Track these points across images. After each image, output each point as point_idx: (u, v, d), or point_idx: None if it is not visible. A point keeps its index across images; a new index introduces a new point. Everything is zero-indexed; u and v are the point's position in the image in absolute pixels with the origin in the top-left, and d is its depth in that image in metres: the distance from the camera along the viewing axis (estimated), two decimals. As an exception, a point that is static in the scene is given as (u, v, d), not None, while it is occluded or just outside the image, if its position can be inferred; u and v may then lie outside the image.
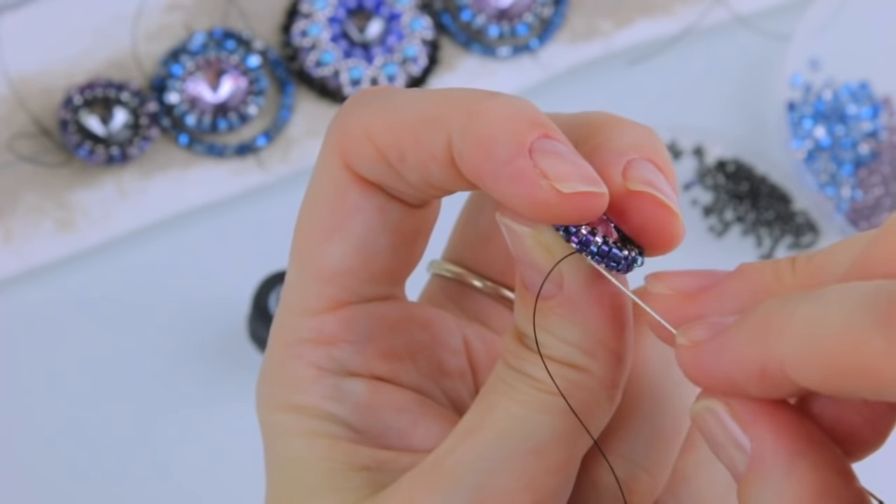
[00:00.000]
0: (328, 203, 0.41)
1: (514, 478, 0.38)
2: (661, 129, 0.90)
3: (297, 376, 0.42)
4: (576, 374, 0.39)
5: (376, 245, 0.41)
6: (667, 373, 0.41)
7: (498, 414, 0.39)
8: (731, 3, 0.92)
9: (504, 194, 0.37)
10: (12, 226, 0.85)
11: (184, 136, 0.88)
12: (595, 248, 0.38)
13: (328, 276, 0.41)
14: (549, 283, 0.38)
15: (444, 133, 0.38)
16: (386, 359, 0.42)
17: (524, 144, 0.37)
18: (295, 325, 0.42)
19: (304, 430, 0.41)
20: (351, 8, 0.91)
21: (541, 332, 0.39)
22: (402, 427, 0.42)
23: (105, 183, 0.86)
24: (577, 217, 0.37)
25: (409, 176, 0.39)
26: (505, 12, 0.91)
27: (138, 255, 0.87)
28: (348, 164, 0.41)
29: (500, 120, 0.38)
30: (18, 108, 0.87)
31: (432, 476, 0.39)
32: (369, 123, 0.40)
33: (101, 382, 0.84)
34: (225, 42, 0.89)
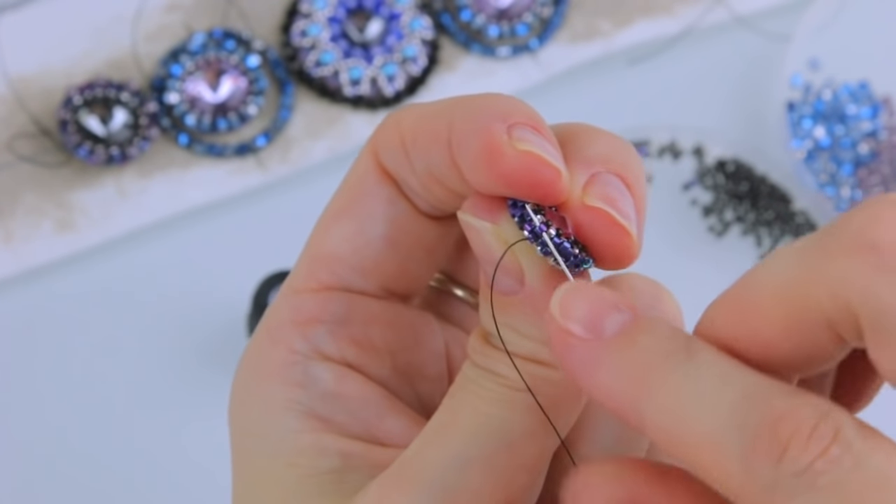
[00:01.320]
0: (348, 187, 0.42)
1: (485, 476, 0.38)
2: (661, 129, 0.90)
3: (270, 360, 0.42)
4: (542, 370, 0.39)
5: (375, 234, 0.42)
6: None
7: (467, 412, 0.39)
8: (731, 3, 0.92)
9: (470, 153, 0.38)
10: (12, 226, 0.85)
11: (183, 136, 0.88)
12: (547, 238, 0.38)
13: (322, 258, 0.42)
14: (510, 280, 0.39)
15: (449, 115, 0.39)
16: (359, 346, 0.42)
17: (507, 119, 0.38)
18: (279, 305, 0.43)
19: (267, 430, 0.41)
20: (351, 8, 0.91)
21: (505, 329, 0.39)
22: (368, 418, 0.42)
23: (105, 183, 0.86)
24: (529, 182, 0.38)
25: (417, 163, 0.40)
26: (505, 12, 0.91)
27: (138, 255, 0.87)
28: (376, 153, 0.42)
29: (498, 102, 0.39)
30: (18, 108, 0.87)
31: (402, 477, 0.39)
32: (402, 115, 0.41)
33: (101, 382, 0.84)
34: (225, 42, 0.89)
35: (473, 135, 0.38)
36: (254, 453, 0.42)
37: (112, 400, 0.84)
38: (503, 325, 0.39)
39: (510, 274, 0.39)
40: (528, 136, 0.38)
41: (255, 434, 0.42)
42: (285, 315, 0.42)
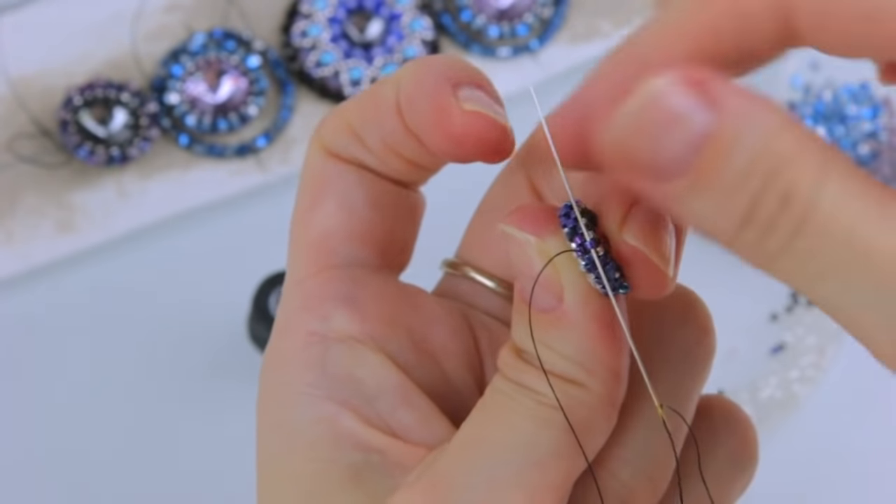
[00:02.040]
0: (310, 181, 0.43)
1: (515, 492, 0.38)
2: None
3: (287, 349, 0.42)
4: (575, 389, 0.38)
5: (356, 201, 0.42)
6: (666, 371, 0.41)
7: (498, 426, 0.39)
8: (732, 4, 0.92)
9: (421, 116, 0.39)
10: (12, 226, 0.85)
11: (184, 137, 0.88)
12: (594, 256, 0.38)
13: (313, 241, 0.42)
14: (549, 297, 0.38)
15: (395, 82, 0.40)
16: (377, 320, 0.42)
17: (451, 79, 0.39)
18: (286, 299, 0.42)
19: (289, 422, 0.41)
20: (351, 8, 0.91)
21: (540, 346, 0.39)
22: (382, 406, 0.42)
23: (105, 183, 0.86)
24: (476, 142, 0.38)
25: (369, 139, 0.41)
26: (505, 13, 0.91)
27: (138, 255, 0.87)
28: (325, 146, 0.42)
29: (440, 62, 0.40)
30: (18, 108, 0.87)
31: (431, 488, 0.39)
32: (342, 106, 0.42)
33: (101, 383, 0.84)
34: (225, 42, 0.89)
35: (422, 97, 0.39)
36: (275, 450, 0.42)
37: (112, 400, 0.84)
38: (538, 342, 0.39)
39: (549, 290, 0.38)
40: (474, 96, 0.39)
41: (275, 428, 0.42)
42: (293, 305, 0.42)
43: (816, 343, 0.86)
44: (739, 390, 0.84)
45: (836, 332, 0.86)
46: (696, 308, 0.42)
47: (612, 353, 0.39)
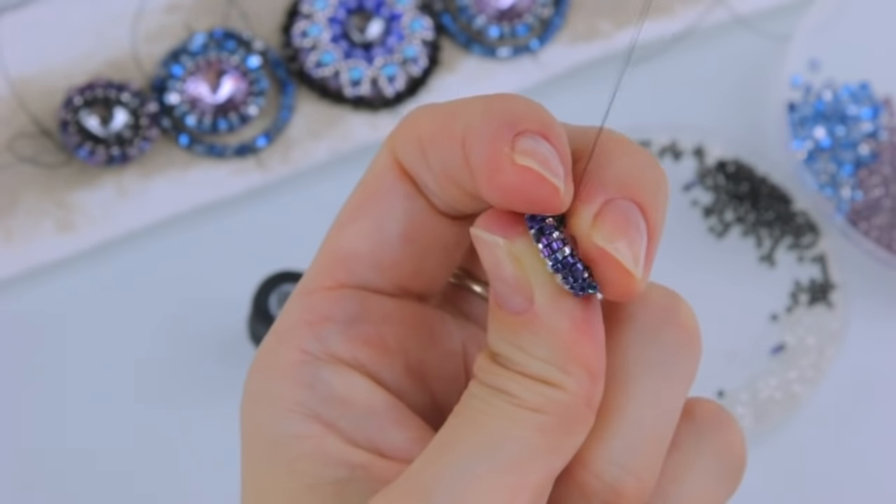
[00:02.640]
0: (365, 185, 0.42)
1: (490, 495, 0.38)
2: (662, 129, 0.90)
3: (280, 360, 0.42)
4: (550, 390, 0.38)
5: (392, 231, 0.42)
6: (647, 369, 0.41)
7: (472, 430, 0.39)
8: (732, 4, 0.92)
9: (475, 160, 0.38)
10: (12, 226, 0.85)
11: (184, 137, 0.88)
12: (560, 256, 0.38)
13: (338, 256, 0.42)
14: (520, 299, 0.38)
15: (467, 115, 0.39)
16: (372, 346, 0.42)
17: (515, 126, 0.38)
18: (292, 306, 0.42)
19: (274, 434, 0.41)
20: (351, 8, 0.91)
21: (514, 348, 0.39)
22: (371, 429, 0.42)
23: (105, 183, 0.86)
24: (525, 198, 0.38)
25: (433, 161, 0.40)
26: (505, 13, 0.91)
27: (138, 255, 0.87)
28: (394, 151, 0.42)
29: (513, 106, 0.39)
30: (18, 108, 0.87)
31: (407, 493, 0.39)
32: (420, 113, 0.41)
33: (101, 383, 0.84)
34: (225, 42, 0.89)
35: (481, 141, 0.38)
36: (258, 459, 0.42)
37: (112, 399, 0.84)
38: (512, 345, 0.39)
39: (520, 292, 0.38)
40: (531, 148, 0.38)
41: (260, 437, 0.42)
42: (298, 315, 0.42)
43: (816, 343, 0.86)
44: (739, 390, 0.84)
45: (836, 332, 0.86)
46: (679, 310, 0.42)
47: (587, 352, 0.39)
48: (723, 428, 0.43)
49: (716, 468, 0.43)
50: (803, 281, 0.88)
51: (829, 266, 0.88)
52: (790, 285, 0.88)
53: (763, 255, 0.89)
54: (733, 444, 0.43)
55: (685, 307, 0.42)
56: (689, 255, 0.89)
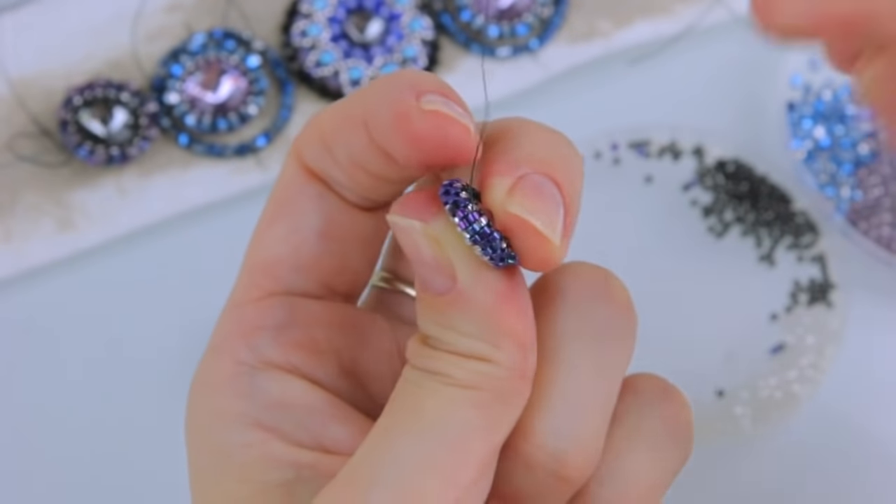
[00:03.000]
0: (277, 194, 0.43)
1: (430, 476, 0.38)
2: (662, 129, 0.90)
3: (216, 374, 0.43)
4: (482, 365, 0.39)
5: (309, 232, 0.42)
6: (584, 345, 0.42)
7: (408, 414, 0.39)
8: (731, 3, 0.92)
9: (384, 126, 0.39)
10: (12, 225, 0.85)
11: (183, 137, 0.88)
12: (478, 227, 0.38)
13: (260, 265, 0.43)
14: (443, 279, 0.39)
15: (363, 99, 0.40)
16: (304, 350, 0.42)
17: (415, 88, 0.39)
18: (223, 321, 0.43)
19: (217, 446, 0.42)
20: (351, 8, 0.91)
21: (443, 329, 0.39)
22: (313, 427, 0.42)
23: (105, 183, 0.86)
24: (439, 141, 0.38)
25: (338, 153, 0.41)
26: (505, 12, 0.91)
27: (138, 255, 0.87)
28: (299, 156, 0.42)
29: (405, 75, 0.39)
30: (18, 108, 0.87)
31: (350, 482, 0.39)
32: (320, 114, 0.42)
33: (101, 382, 0.84)
34: (225, 42, 0.89)
35: (384, 107, 0.39)
36: (207, 471, 0.42)
37: (112, 399, 0.84)
38: (441, 326, 0.39)
39: (442, 272, 0.39)
40: (435, 100, 0.39)
41: (206, 450, 0.42)
42: (228, 328, 0.43)
43: (816, 343, 0.86)
44: (739, 390, 0.84)
45: (835, 332, 0.86)
46: (610, 285, 0.42)
47: (514, 324, 0.39)
48: (667, 399, 0.44)
49: (662, 439, 0.43)
50: (803, 281, 0.88)
51: (828, 266, 0.88)
52: (790, 285, 0.88)
53: (763, 254, 0.89)
54: (679, 414, 0.44)
55: (616, 282, 0.43)
56: (689, 255, 0.89)
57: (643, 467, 0.42)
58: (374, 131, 0.39)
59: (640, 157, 0.89)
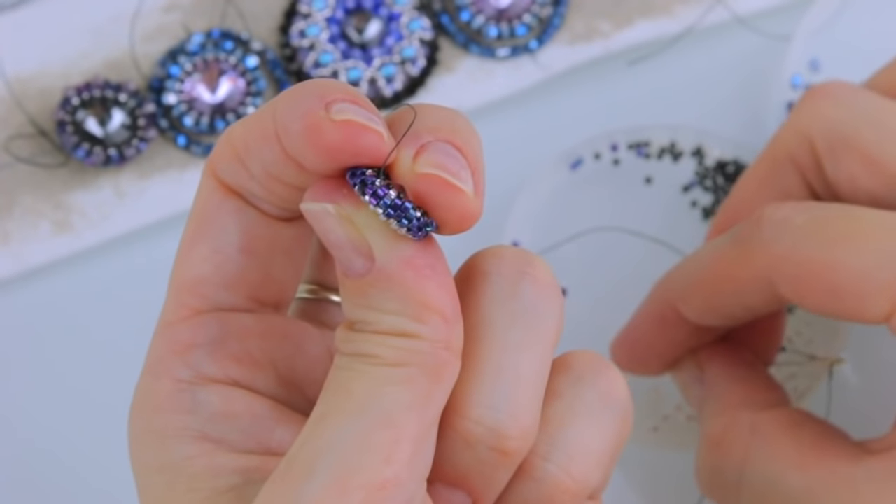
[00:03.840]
0: (196, 212, 0.44)
1: (368, 454, 0.39)
2: (661, 130, 0.89)
3: (156, 394, 0.43)
4: (408, 341, 0.39)
5: (231, 248, 0.43)
6: (512, 323, 0.42)
7: (340, 398, 0.39)
8: (731, 4, 0.92)
9: (294, 137, 0.39)
10: (9, 227, 0.85)
11: (182, 137, 0.88)
12: (388, 200, 0.38)
13: (187, 285, 0.44)
14: (361, 259, 0.39)
15: (272, 112, 0.41)
16: (241, 363, 0.43)
17: (324, 97, 0.39)
18: (156, 342, 0.45)
19: (163, 464, 0.42)
20: (349, 8, 0.90)
21: (366, 310, 0.40)
22: (259, 432, 0.43)
23: (103, 184, 0.86)
24: (352, 150, 0.39)
25: (253, 166, 0.41)
26: (504, 13, 0.91)
27: (136, 256, 0.87)
28: (214, 173, 0.43)
29: (312, 85, 0.40)
30: (15, 108, 0.87)
31: (288, 472, 0.39)
32: (232, 129, 0.43)
33: (100, 383, 0.84)
34: (223, 43, 0.89)
35: (294, 119, 0.39)
36: (155, 489, 0.42)
37: (110, 401, 0.84)
38: (364, 308, 0.40)
39: (360, 253, 0.39)
40: (346, 108, 0.39)
41: (153, 468, 0.43)
42: (163, 348, 0.44)
43: (816, 343, 0.86)
44: (739, 392, 0.84)
45: (836, 332, 0.86)
46: (534, 264, 0.44)
47: (436, 297, 0.40)
48: (601, 373, 0.45)
49: (600, 412, 0.44)
50: (803, 282, 0.88)
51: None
52: (790, 286, 0.88)
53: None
54: (614, 387, 0.45)
55: (539, 262, 0.43)
56: (689, 256, 0.89)
57: (584, 440, 0.44)
58: (286, 144, 0.40)
59: (639, 157, 0.89)
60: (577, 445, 0.43)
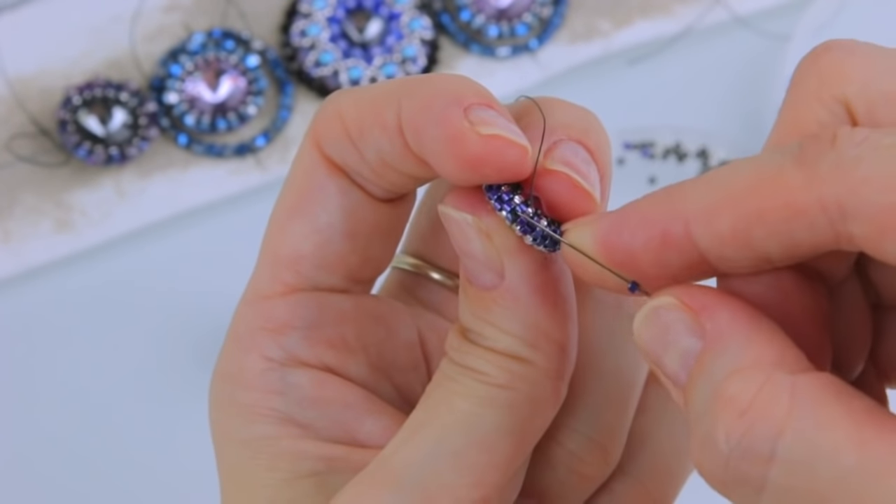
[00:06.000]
0: (296, 184, 0.42)
1: (460, 474, 0.38)
2: (666, 131, 0.90)
3: (245, 369, 0.42)
4: (520, 366, 0.39)
5: (333, 230, 0.41)
6: (611, 341, 0.41)
7: (442, 409, 0.39)
8: (731, 3, 0.92)
9: (432, 142, 0.38)
10: (11, 226, 0.85)
11: (183, 137, 0.88)
12: (525, 219, 0.38)
13: (284, 260, 0.42)
14: (490, 274, 0.39)
15: (396, 101, 0.39)
16: (335, 348, 0.42)
17: (461, 101, 0.38)
18: (248, 312, 0.42)
19: (248, 438, 0.41)
20: (350, 8, 0.90)
21: (484, 324, 0.39)
22: (348, 422, 0.42)
23: (104, 183, 0.86)
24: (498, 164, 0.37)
25: (367, 152, 0.40)
26: (504, 12, 0.91)
27: (137, 255, 0.87)
28: (319, 145, 0.41)
29: (446, 84, 0.38)
30: (17, 108, 0.87)
31: (379, 476, 0.39)
32: (340, 104, 0.41)
33: (100, 382, 0.84)
34: (224, 42, 0.89)
35: (432, 124, 0.38)
36: (236, 459, 0.42)
37: (111, 400, 0.84)
38: (482, 320, 0.39)
39: (490, 268, 0.39)
40: (487, 118, 0.38)
41: (236, 440, 0.42)
42: (255, 322, 0.42)
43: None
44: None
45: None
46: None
47: (556, 326, 0.39)
48: None
49: (683, 428, 0.43)
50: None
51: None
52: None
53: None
54: None
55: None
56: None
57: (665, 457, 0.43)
58: (416, 144, 0.39)
59: (644, 158, 0.89)
60: (657, 460, 0.42)
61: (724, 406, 0.33)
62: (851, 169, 0.32)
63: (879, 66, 0.36)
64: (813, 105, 0.36)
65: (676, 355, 0.35)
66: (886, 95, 0.35)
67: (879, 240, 0.32)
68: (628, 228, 0.35)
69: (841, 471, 0.32)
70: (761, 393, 0.33)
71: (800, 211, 0.33)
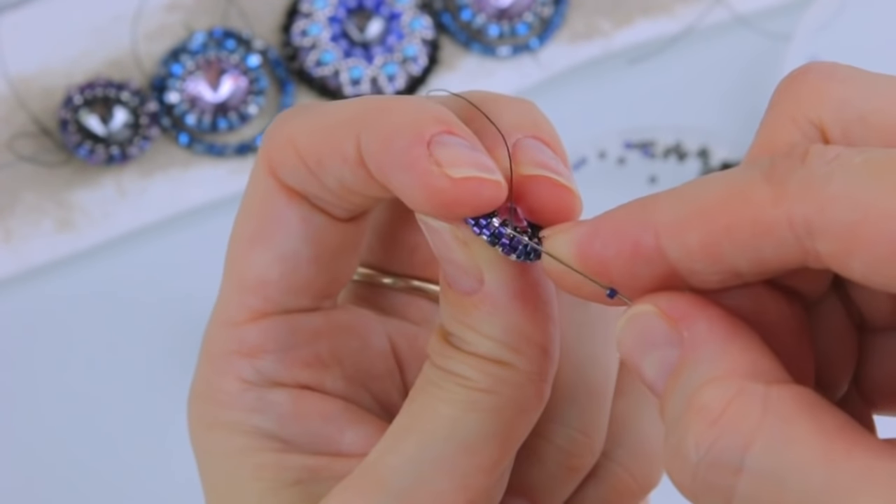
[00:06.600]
0: (255, 212, 0.41)
1: (444, 479, 0.38)
2: (666, 131, 0.90)
3: (222, 391, 0.42)
4: (502, 370, 0.39)
5: (298, 257, 0.41)
6: (580, 331, 0.42)
7: (426, 415, 0.39)
8: (731, 3, 0.92)
9: (401, 185, 0.38)
10: (12, 225, 0.85)
11: (184, 136, 0.88)
12: (507, 240, 0.38)
13: (250, 286, 0.42)
14: (469, 279, 0.39)
15: (354, 133, 0.38)
16: (310, 367, 0.42)
17: (422, 136, 0.37)
18: (219, 336, 0.42)
19: (231, 450, 0.41)
20: (351, 7, 0.90)
21: (465, 328, 0.39)
22: (329, 434, 0.42)
23: (105, 182, 0.86)
24: (473, 205, 0.37)
25: (327, 180, 0.40)
26: (505, 12, 0.91)
27: (138, 254, 0.87)
28: (274, 173, 0.41)
29: (403, 115, 0.38)
30: (18, 107, 0.87)
31: (363, 483, 0.39)
32: (292, 131, 0.40)
33: (101, 382, 0.84)
34: (225, 42, 0.89)
35: (398, 167, 0.37)
36: (220, 472, 0.42)
37: (111, 399, 0.84)
38: (464, 325, 0.39)
39: (470, 273, 0.39)
40: (454, 155, 0.37)
41: (219, 454, 0.42)
42: (228, 346, 0.42)
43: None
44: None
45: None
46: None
47: (537, 329, 0.39)
48: None
49: None
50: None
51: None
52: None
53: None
54: None
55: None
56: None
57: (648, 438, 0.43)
58: (383, 179, 0.38)
59: (645, 157, 0.89)
60: (639, 444, 0.43)
61: (696, 415, 0.33)
62: (820, 186, 0.32)
63: (857, 89, 0.36)
64: (787, 126, 0.36)
65: (655, 363, 0.35)
66: (862, 117, 0.35)
67: (846, 258, 0.32)
68: (601, 238, 0.35)
69: (808, 487, 0.32)
70: (733, 403, 0.33)
71: (767, 227, 0.33)
